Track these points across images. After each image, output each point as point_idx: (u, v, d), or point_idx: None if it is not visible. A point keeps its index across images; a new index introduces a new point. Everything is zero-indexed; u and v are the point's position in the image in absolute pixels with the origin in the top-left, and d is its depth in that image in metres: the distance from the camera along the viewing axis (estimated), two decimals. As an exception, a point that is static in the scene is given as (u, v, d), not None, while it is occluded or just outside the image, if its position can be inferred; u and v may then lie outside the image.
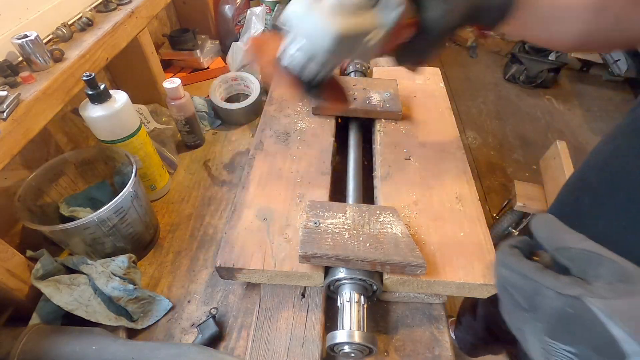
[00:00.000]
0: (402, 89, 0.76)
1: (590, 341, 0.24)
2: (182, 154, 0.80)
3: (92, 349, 0.45)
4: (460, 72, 2.94)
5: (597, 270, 0.25)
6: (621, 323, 0.22)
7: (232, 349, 0.50)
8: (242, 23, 1.04)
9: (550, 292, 0.25)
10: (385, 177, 0.59)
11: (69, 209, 0.59)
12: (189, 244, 0.63)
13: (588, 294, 0.24)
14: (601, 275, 0.25)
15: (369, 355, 0.44)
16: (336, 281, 0.48)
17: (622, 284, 0.24)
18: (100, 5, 0.70)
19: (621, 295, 0.23)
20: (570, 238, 0.27)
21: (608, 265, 0.25)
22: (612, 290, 0.23)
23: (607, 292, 0.23)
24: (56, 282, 0.50)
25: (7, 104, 0.46)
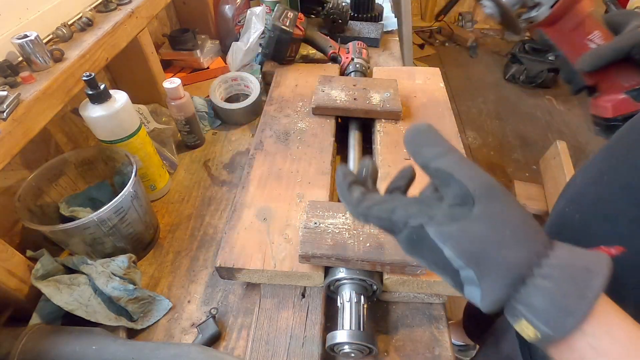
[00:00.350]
0: (402, 89, 0.76)
1: (433, 259, 0.28)
2: (182, 154, 0.80)
3: (92, 349, 0.45)
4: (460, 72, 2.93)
5: (446, 190, 0.28)
6: (450, 247, 0.26)
7: (232, 349, 0.50)
8: (242, 23, 1.04)
9: (400, 224, 0.29)
10: (385, 177, 0.59)
11: (69, 209, 0.59)
12: (189, 244, 0.63)
13: (427, 222, 0.27)
14: (447, 195, 0.28)
15: (369, 355, 0.44)
16: (336, 281, 0.48)
17: (458, 208, 0.27)
18: (100, 5, 0.70)
19: (454, 220, 0.26)
20: (429, 153, 0.29)
21: (454, 186, 0.27)
22: (448, 216, 0.27)
23: (444, 218, 0.27)
24: (56, 282, 0.50)
25: (7, 104, 0.46)
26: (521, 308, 0.25)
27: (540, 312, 0.24)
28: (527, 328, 0.25)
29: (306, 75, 0.84)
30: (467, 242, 0.26)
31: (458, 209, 0.26)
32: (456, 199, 0.27)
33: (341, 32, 1.07)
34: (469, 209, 0.26)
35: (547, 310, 0.24)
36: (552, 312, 0.24)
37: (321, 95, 0.72)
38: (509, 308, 0.26)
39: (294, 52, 0.88)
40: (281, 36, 0.83)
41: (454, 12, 3.30)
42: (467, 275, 0.27)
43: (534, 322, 0.24)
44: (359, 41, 0.91)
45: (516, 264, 0.25)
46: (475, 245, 0.26)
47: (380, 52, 1.07)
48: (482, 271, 0.26)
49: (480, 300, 0.27)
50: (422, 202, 0.29)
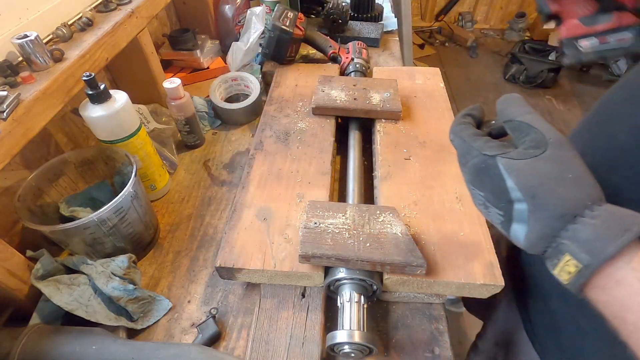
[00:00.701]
0: (402, 89, 0.76)
1: (492, 187, 0.32)
2: (182, 154, 0.80)
3: (92, 349, 0.45)
4: (460, 72, 2.93)
5: (524, 138, 0.32)
6: (514, 177, 0.30)
7: (232, 349, 0.50)
8: (242, 23, 1.04)
9: (475, 151, 0.33)
10: (385, 177, 0.59)
11: (69, 209, 0.59)
12: (189, 244, 0.63)
13: (501, 154, 0.31)
14: (525, 141, 0.32)
15: (369, 355, 0.44)
16: (336, 281, 0.48)
17: (532, 150, 0.30)
18: (100, 5, 0.70)
19: (525, 157, 0.30)
20: (516, 111, 0.33)
21: (533, 134, 0.31)
22: (521, 154, 0.31)
23: (517, 155, 0.31)
24: (56, 282, 0.50)
25: (7, 104, 0.46)
26: (566, 242, 0.27)
27: (584, 242, 0.27)
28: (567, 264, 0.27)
29: (306, 75, 0.84)
30: (531, 176, 0.29)
31: (531, 150, 0.30)
32: (532, 143, 0.31)
33: (341, 32, 1.07)
34: (542, 151, 0.30)
35: (591, 241, 0.26)
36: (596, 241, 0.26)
37: (321, 95, 0.72)
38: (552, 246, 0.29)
39: (294, 52, 0.88)
40: (281, 36, 0.83)
41: (454, 12, 3.30)
42: (519, 209, 0.30)
43: (577, 253, 0.27)
44: (359, 41, 0.91)
45: (571, 202, 0.28)
46: (537, 180, 0.29)
47: (380, 52, 1.07)
48: (536, 205, 0.29)
49: (525, 236, 0.30)
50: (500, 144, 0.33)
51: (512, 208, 0.30)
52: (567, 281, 0.28)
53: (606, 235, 0.26)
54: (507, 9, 3.24)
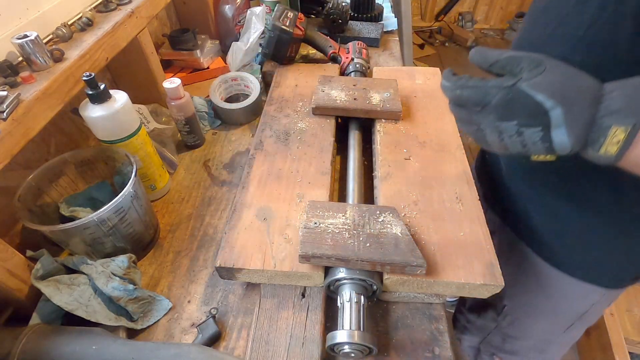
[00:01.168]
0: (402, 89, 0.76)
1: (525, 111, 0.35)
2: (182, 154, 0.80)
3: (92, 349, 0.45)
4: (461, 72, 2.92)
5: (520, 66, 0.36)
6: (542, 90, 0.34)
7: (232, 349, 0.50)
8: (242, 23, 1.04)
9: (494, 89, 0.36)
10: (385, 177, 0.59)
11: (69, 209, 0.59)
12: (189, 244, 0.63)
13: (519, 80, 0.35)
14: (523, 67, 0.36)
15: (369, 355, 0.44)
16: (336, 281, 0.48)
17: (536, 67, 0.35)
18: (100, 5, 0.70)
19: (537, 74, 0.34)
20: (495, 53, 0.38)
21: (524, 59, 0.36)
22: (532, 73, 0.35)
23: (529, 75, 0.35)
24: (56, 282, 0.50)
25: (7, 104, 0.46)
26: (606, 118, 0.32)
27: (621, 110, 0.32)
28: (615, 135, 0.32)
29: (306, 75, 0.84)
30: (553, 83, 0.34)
31: (535, 69, 0.35)
32: (531, 64, 0.35)
33: (341, 32, 1.07)
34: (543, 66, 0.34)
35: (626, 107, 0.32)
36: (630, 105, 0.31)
37: (321, 95, 0.72)
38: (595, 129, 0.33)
39: (294, 52, 0.88)
40: (281, 36, 0.83)
41: (454, 12, 3.30)
42: (555, 115, 0.33)
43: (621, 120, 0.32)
44: (359, 41, 0.91)
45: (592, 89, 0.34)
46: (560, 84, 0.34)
47: (380, 52, 1.07)
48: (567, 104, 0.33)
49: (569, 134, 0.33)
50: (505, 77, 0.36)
51: (549, 117, 0.34)
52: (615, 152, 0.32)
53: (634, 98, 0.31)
54: (507, 9, 3.24)
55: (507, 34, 3.21)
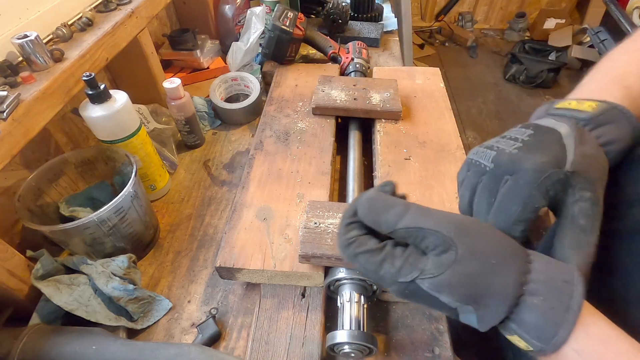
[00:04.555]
0: (402, 89, 0.76)
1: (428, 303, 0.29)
2: (182, 154, 0.80)
3: (92, 349, 0.45)
4: (460, 72, 2.93)
5: (424, 243, 0.29)
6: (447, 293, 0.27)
7: (232, 349, 0.50)
8: (242, 23, 1.04)
9: (388, 280, 0.29)
10: (385, 177, 0.59)
11: (69, 209, 0.59)
12: (189, 244, 0.63)
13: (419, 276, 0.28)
14: (428, 248, 0.29)
15: (369, 355, 0.44)
16: (336, 281, 0.48)
17: (444, 255, 0.28)
18: (100, 5, 0.70)
19: (445, 267, 0.27)
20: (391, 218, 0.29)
21: (430, 237, 0.28)
22: (438, 265, 0.28)
23: (434, 268, 0.28)
24: (56, 282, 0.50)
25: (7, 104, 0.46)
26: (514, 326, 0.27)
27: (532, 328, 0.26)
28: (519, 342, 0.27)
29: (306, 75, 0.84)
30: (462, 285, 0.27)
31: (444, 256, 0.28)
32: (438, 248, 0.28)
33: (341, 32, 1.07)
34: (454, 252, 0.27)
35: (539, 326, 0.26)
36: (544, 327, 0.26)
37: (321, 95, 0.72)
38: (503, 325, 0.28)
39: (294, 52, 0.88)
40: (281, 36, 0.83)
41: (454, 12, 3.30)
42: (464, 310, 0.28)
43: (527, 338, 0.26)
44: (359, 41, 0.91)
45: (509, 289, 0.27)
46: (470, 285, 0.27)
47: (380, 52, 1.07)
48: (479, 305, 0.27)
49: (477, 324, 0.28)
50: (409, 255, 0.29)
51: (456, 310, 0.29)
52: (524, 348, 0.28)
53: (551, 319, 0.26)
54: (507, 9, 3.24)
55: (507, 34, 3.21)
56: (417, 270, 0.28)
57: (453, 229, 0.28)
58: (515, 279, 0.27)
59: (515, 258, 0.28)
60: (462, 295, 0.27)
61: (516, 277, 0.27)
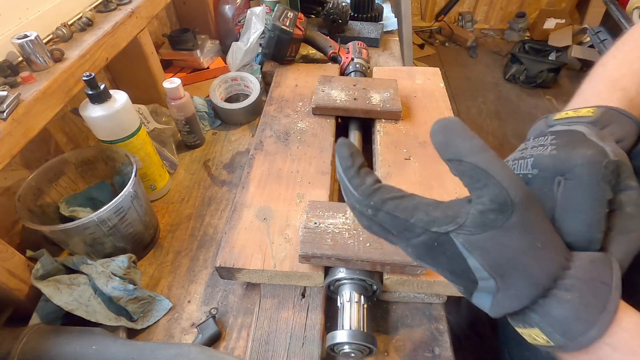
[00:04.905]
0: (402, 89, 0.76)
1: (449, 267, 0.26)
2: (182, 154, 0.80)
3: (92, 349, 0.45)
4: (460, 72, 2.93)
5: (481, 192, 0.25)
6: (478, 257, 0.25)
7: (232, 349, 0.50)
8: (242, 23, 1.04)
9: (419, 228, 0.26)
10: (385, 177, 0.59)
11: (69, 209, 0.59)
12: (189, 244, 0.63)
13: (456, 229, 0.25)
14: (482, 197, 0.25)
15: (369, 355, 0.44)
16: (336, 281, 0.48)
17: (493, 215, 0.24)
18: (100, 5, 0.70)
19: (486, 229, 0.24)
20: (465, 147, 0.26)
21: (492, 189, 0.24)
22: (481, 225, 0.24)
23: (476, 227, 0.25)
24: (56, 282, 0.50)
25: (7, 104, 0.46)
26: (537, 318, 0.25)
27: (558, 323, 0.24)
28: (537, 336, 0.25)
29: (306, 75, 0.84)
30: (498, 253, 0.24)
31: (492, 215, 0.24)
32: (493, 204, 0.24)
33: (341, 32, 1.07)
34: (506, 217, 0.24)
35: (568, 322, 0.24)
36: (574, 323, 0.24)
37: (321, 95, 0.72)
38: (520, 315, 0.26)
39: (294, 52, 0.88)
40: (281, 36, 0.83)
41: (454, 12, 3.30)
42: (485, 285, 0.26)
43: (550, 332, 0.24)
44: (359, 41, 0.91)
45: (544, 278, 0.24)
46: (505, 257, 0.24)
47: (380, 52, 1.07)
48: (505, 283, 0.25)
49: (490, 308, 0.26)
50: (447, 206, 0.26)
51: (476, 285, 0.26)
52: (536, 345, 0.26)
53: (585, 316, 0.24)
54: (507, 9, 3.25)
55: (507, 34, 3.21)
56: (454, 223, 0.25)
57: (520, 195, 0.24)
58: (554, 270, 0.25)
59: (560, 251, 0.26)
60: (494, 264, 0.24)
61: (555, 269, 0.25)
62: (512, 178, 0.25)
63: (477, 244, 0.25)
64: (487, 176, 0.25)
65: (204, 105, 0.86)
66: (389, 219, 0.27)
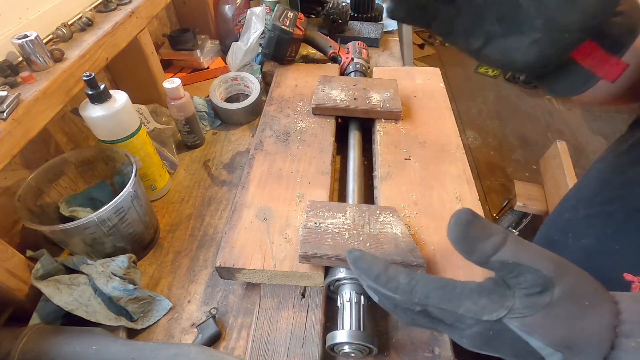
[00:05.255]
0: (402, 89, 0.76)
1: (512, 351, 0.26)
2: (182, 154, 0.80)
3: (92, 349, 0.45)
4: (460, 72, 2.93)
5: (517, 279, 0.26)
6: (539, 336, 0.25)
7: (232, 349, 0.50)
8: (242, 23, 1.04)
9: (470, 319, 0.26)
10: (385, 177, 0.59)
11: (69, 209, 0.59)
12: (189, 244, 0.63)
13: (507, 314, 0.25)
14: (521, 284, 0.26)
15: (369, 355, 0.44)
16: (336, 281, 0.48)
17: (539, 296, 0.25)
18: (100, 5, 0.70)
19: (538, 309, 0.25)
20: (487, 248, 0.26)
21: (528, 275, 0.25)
22: (530, 305, 0.25)
23: (526, 308, 0.25)
24: (56, 282, 0.50)
25: (7, 104, 0.46)
26: None
27: None
28: None
29: (306, 75, 0.84)
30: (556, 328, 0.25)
31: (537, 296, 0.25)
32: (535, 288, 0.25)
33: (341, 32, 1.07)
34: (550, 293, 0.25)
35: None
36: None
37: (321, 95, 0.72)
38: None
39: (294, 52, 0.88)
40: (281, 36, 0.83)
41: (454, 12, 3.30)
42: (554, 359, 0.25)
43: None
44: (359, 41, 0.91)
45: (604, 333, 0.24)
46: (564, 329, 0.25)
47: (380, 52, 1.07)
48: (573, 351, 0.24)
49: None
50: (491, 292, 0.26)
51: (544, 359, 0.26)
52: None
53: None
54: (507, 9, 3.24)
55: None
56: (504, 308, 0.25)
57: (553, 268, 0.25)
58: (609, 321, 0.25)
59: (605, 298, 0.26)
60: (555, 338, 0.25)
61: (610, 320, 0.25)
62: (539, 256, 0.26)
63: (534, 324, 0.25)
64: (517, 267, 0.25)
65: (204, 105, 0.86)
66: (438, 312, 0.27)
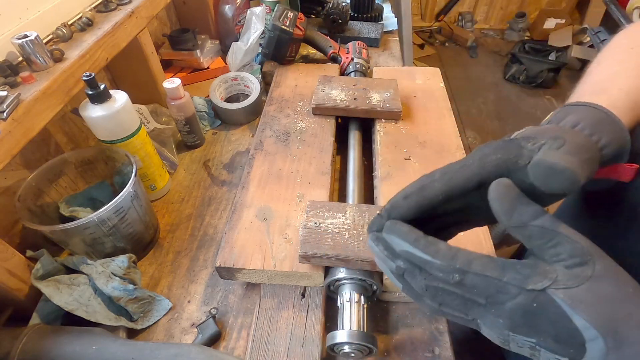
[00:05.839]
0: (402, 89, 0.76)
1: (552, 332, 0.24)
2: (182, 154, 0.80)
3: (92, 349, 0.45)
4: (460, 72, 2.93)
5: (556, 250, 0.24)
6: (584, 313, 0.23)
7: (232, 349, 0.50)
8: (242, 23, 1.04)
9: (514, 288, 0.24)
10: (385, 177, 0.59)
11: (69, 209, 0.59)
12: (189, 244, 0.63)
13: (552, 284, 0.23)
14: (560, 255, 0.24)
15: (369, 355, 0.44)
16: (336, 281, 0.48)
17: (580, 268, 0.24)
18: (100, 5, 0.70)
19: (582, 281, 0.23)
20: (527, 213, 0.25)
21: (566, 245, 0.24)
22: (573, 277, 0.23)
23: (569, 280, 0.23)
24: (56, 282, 0.50)
25: (7, 104, 0.46)
26: None
27: None
28: None
29: (306, 75, 0.84)
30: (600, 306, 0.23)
31: (579, 269, 0.23)
32: (574, 258, 0.24)
33: (341, 32, 1.07)
34: (591, 267, 0.23)
35: None
36: None
37: (321, 95, 0.72)
38: None
39: (294, 52, 0.88)
40: (281, 36, 0.83)
41: (454, 12, 3.30)
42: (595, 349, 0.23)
43: None
44: (359, 41, 0.91)
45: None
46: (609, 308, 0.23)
47: (380, 52, 1.07)
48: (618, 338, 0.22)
49: None
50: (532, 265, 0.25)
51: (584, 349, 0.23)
52: None
53: None
54: (507, 9, 3.25)
55: (507, 34, 3.21)
56: (548, 279, 0.24)
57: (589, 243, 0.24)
58: None
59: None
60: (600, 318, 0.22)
61: None
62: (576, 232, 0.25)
63: (579, 297, 0.23)
64: (557, 235, 0.24)
65: (204, 105, 0.86)
66: (479, 281, 0.25)
